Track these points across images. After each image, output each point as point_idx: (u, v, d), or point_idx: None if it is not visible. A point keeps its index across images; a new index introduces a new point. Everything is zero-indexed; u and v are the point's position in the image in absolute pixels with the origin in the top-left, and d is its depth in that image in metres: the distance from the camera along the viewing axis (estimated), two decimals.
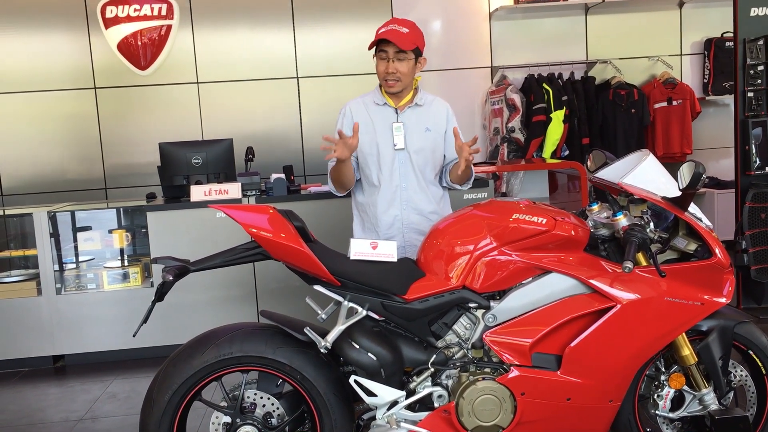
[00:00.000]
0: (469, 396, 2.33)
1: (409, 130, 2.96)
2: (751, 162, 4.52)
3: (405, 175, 2.97)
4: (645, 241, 2.29)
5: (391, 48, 2.84)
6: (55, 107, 5.83)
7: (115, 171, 5.94)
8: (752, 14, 4.48)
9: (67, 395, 3.98)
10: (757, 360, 2.54)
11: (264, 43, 5.95)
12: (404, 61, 2.87)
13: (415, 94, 3.00)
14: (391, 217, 2.98)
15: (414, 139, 2.96)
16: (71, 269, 4.64)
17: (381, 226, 2.99)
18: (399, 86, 2.90)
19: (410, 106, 2.98)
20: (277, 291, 4.49)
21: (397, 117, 2.97)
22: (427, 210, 3.00)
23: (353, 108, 3.02)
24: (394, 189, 2.97)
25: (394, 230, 2.99)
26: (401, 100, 2.98)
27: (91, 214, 4.77)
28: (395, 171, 2.97)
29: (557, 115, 5.77)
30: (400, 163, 2.97)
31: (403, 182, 2.97)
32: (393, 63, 2.86)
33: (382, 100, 2.99)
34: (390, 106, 2.98)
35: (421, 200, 2.99)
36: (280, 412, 2.44)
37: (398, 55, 2.86)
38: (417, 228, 2.98)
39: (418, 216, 2.99)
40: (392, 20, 2.91)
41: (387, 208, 2.98)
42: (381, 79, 2.93)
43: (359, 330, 2.37)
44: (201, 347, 2.37)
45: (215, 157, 4.59)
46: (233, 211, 2.34)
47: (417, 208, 2.99)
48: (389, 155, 2.96)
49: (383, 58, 2.88)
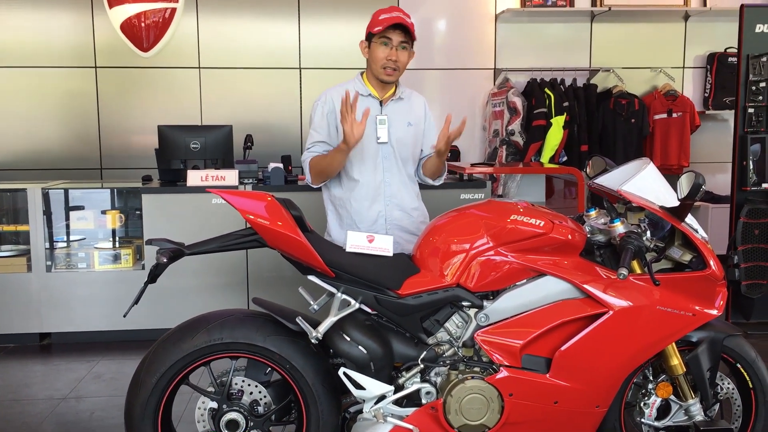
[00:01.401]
0: (457, 394, 2.33)
1: (393, 124, 2.91)
2: (747, 178, 4.54)
3: (389, 170, 2.92)
4: (641, 249, 2.30)
5: (398, 36, 2.80)
6: (55, 84, 5.79)
7: (112, 152, 5.90)
8: (757, 30, 4.50)
9: (51, 373, 3.97)
10: (745, 374, 2.55)
11: (268, 32, 5.93)
12: (406, 51, 2.85)
13: (397, 88, 2.96)
14: (375, 213, 2.92)
15: (397, 133, 2.91)
16: (62, 247, 4.61)
17: (363, 222, 2.92)
18: (396, 75, 2.86)
19: (393, 100, 2.93)
20: (270, 280, 4.48)
21: (381, 109, 2.93)
22: (409, 206, 2.97)
23: (334, 97, 2.90)
24: (378, 184, 2.91)
25: (377, 227, 2.92)
26: (386, 92, 2.93)
27: (85, 193, 4.75)
28: (378, 165, 2.91)
29: (557, 120, 5.78)
30: (384, 158, 2.91)
31: (387, 177, 2.92)
32: (396, 51, 2.82)
33: (366, 91, 2.91)
34: (374, 98, 2.92)
35: (404, 196, 2.95)
36: (267, 401, 2.43)
37: (402, 44, 2.82)
38: (399, 224, 2.94)
39: (400, 212, 2.95)
40: (394, 8, 2.84)
41: (370, 203, 2.92)
42: (378, 66, 2.83)
43: (351, 322, 2.37)
44: (191, 331, 2.36)
45: (214, 143, 4.58)
46: (231, 197, 2.33)
47: (400, 204, 2.94)
48: (372, 149, 2.90)
49: (386, 44, 2.81)
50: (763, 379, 2.55)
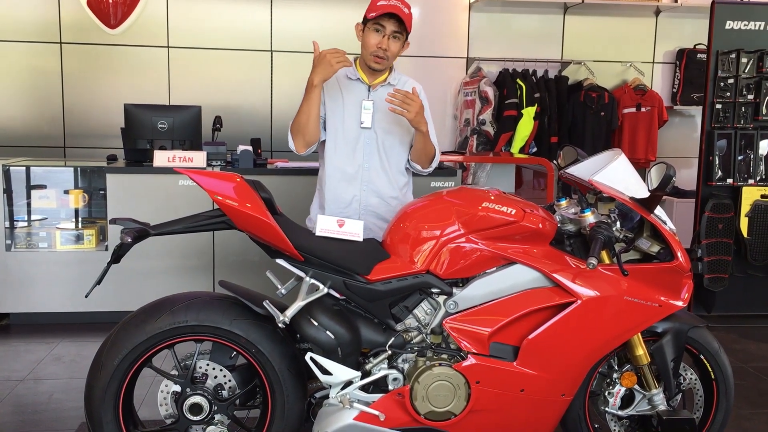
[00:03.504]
0: (424, 381, 2.32)
1: (379, 110, 2.87)
2: (713, 173, 4.61)
3: (369, 155, 2.89)
4: (610, 239, 2.31)
5: (391, 25, 2.75)
6: (17, 59, 5.63)
7: (76, 130, 5.77)
8: (727, 27, 4.55)
9: (9, 354, 3.87)
10: (708, 365, 2.59)
11: (240, 13, 5.83)
12: (398, 41, 2.80)
13: (390, 74, 2.93)
14: (350, 195, 2.89)
15: (382, 119, 2.88)
16: (23, 227, 4.50)
17: (337, 204, 2.89)
18: (384, 65, 2.83)
19: (383, 85, 2.90)
20: (236, 264, 4.42)
21: (368, 95, 2.90)
22: (387, 194, 2.91)
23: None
24: (356, 168, 2.88)
25: (350, 210, 2.89)
26: (376, 78, 2.90)
27: (48, 171, 4.63)
28: (359, 150, 2.88)
29: (528, 111, 5.80)
30: (366, 143, 2.88)
31: (366, 162, 2.88)
32: (387, 40, 2.77)
33: (356, 75, 2.89)
34: (363, 83, 2.89)
35: (383, 183, 2.91)
36: (232, 385, 2.40)
37: (395, 34, 2.77)
38: (375, 211, 2.90)
39: (377, 199, 2.91)
40: None
41: (346, 186, 2.89)
42: (368, 53, 2.81)
43: (319, 307, 2.34)
44: (155, 313, 2.31)
45: (182, 124, 4.49)
46: (199, 177, 2.28)
47: (377, 191, 2.90)
48: (354, 132, 2.87)
49: (378, 31, 2.77)
50: (725, 371, 2.59)
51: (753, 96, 4.59)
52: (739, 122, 4.60)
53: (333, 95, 2.89)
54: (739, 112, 4.60)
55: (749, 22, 4.57)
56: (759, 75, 4.56)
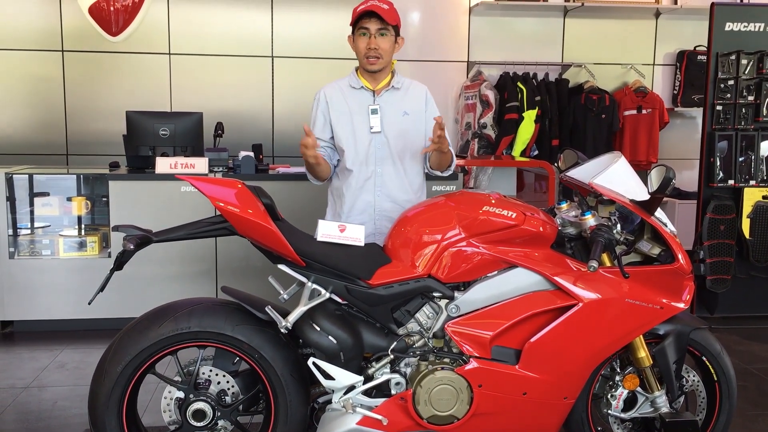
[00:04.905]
0: (426, 385, 2.32)
1: (386, 114, 2.90)
2: (714, 174, 4.61)
3: (381, 160, 2.90)
4: (611, 241, 2.31)
5: (373, 24, 2.79)
6: (20, 67, 5.65)
7: (78, 138, 5.79)
8: (727, 29, 4.56)
9: (14, 362, 3.88)
10: (710, 366, 2.59)
11: (240, 20, 5.85)
12: (386, 37, 2.83)
13: (393, 78, 2.95)
14: (364, 202, 2.91)
15: (392, 123, 2.90)
16: (26, 234, 4.51)
17: (353, 212, 2.92)
18: (380, 63, 2.85)
19: (387, 90, 2.92)
20: (239, 269, 4.43)
21: (373, 100, 2.92)
22: (401, 198, 2.92)
23: (328, 93, 2.95)
24: (369, 174, 2.90)
25: (365, 216, 2.91)
26: (378, 83, 2.92)
27: (51, 179, 4.64)
28: (371, 155, 2.89)
29: (529, 114, 5.80)
30: (377, 148, 2.89)
31: (378, 167, 2.90)
32: (375, 39, 2.81)
33: (359, 84, 2.92)
34: (367, 89, 2.92)
35: (397, 188, 2.92)
36: (235, 391, 2.40)
37: (380, 31, 2.80)
38: (389, 216, 2.90)
39: (391, 203, 2.92)
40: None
41: (360, 193, 2.91)
42: (362, 57, 2.85)
43: (321, 312, 2.35)
44: (158, 320, 2.32)
45: (183, 130, 4.51)
46: (201, 183, 2.29)
47: (391, 195, 2.92)
48: (365, 138, 2.89)
49: (364, 35, 2.82)
50: (728, 372, 2.59)
51: (753, 97, 4.59)
52: (739, 123, 4.60)
53: (340, 108, 2.91)
54: (740, 113, 4.59)
55: (749, 23, 4.57)
56: (759, 76, 4.56)
